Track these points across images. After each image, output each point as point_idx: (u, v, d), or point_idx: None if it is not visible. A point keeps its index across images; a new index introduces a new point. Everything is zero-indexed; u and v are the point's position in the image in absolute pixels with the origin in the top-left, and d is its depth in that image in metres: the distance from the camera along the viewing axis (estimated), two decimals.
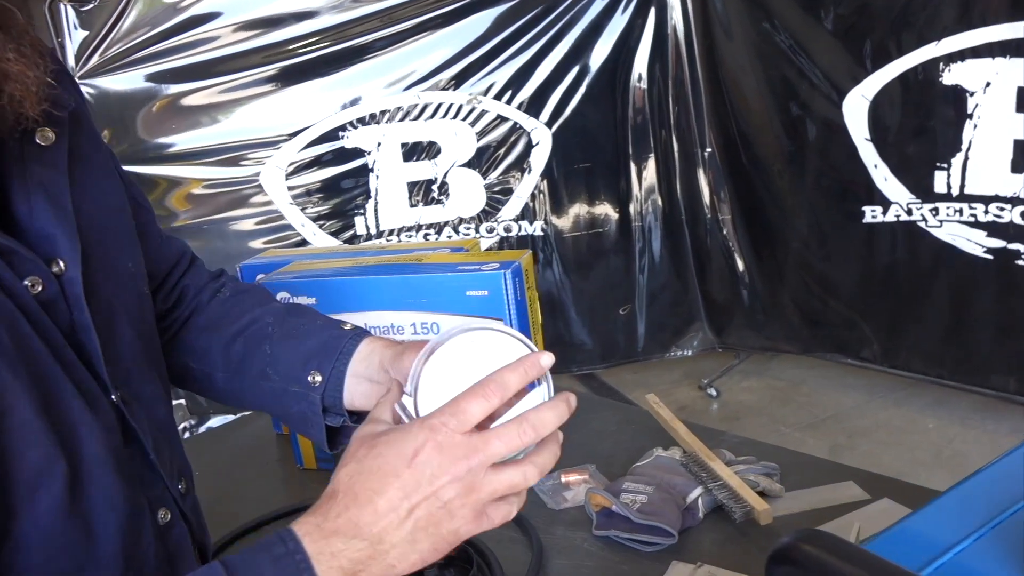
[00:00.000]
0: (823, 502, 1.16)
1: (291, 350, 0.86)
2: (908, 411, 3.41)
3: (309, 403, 0.83)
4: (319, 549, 0.59)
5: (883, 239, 3.06)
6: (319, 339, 0.85)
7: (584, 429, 1.48)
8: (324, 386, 0.83)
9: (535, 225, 3.51)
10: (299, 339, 0.86)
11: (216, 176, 3.14)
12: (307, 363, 0.84)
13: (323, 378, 0.83)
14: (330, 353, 0.83)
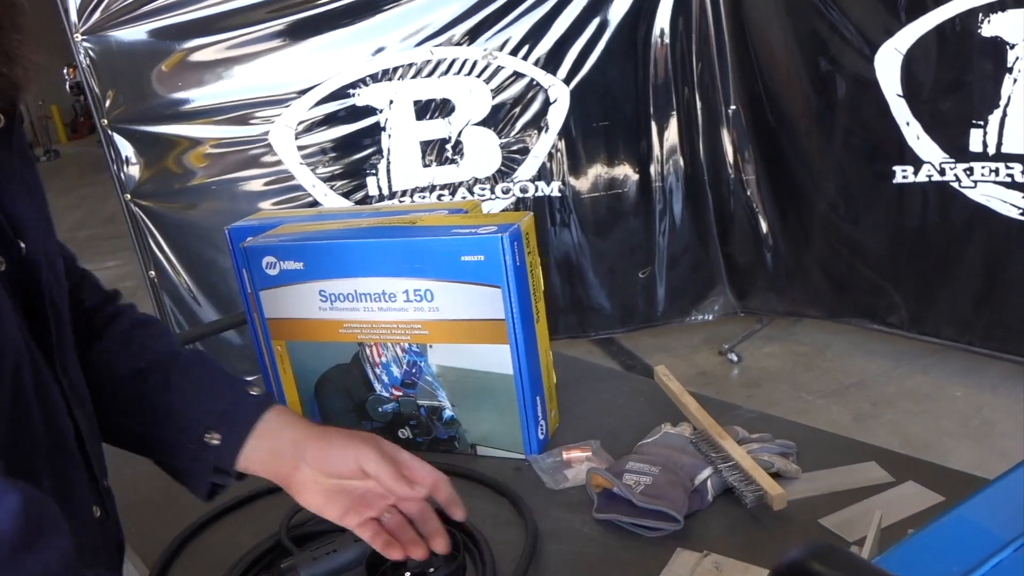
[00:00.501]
0: (842, 485, 1.08)
1: (193, 405, 0.84)
2: (935, 378, 3.30)
3: (201, 462, 0.83)
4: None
5: (914, 200, 2.93)
6: (225, 399, 0.85)
7: (589, 401, 1.40)
8: (220, 448, 0.82)
9: (552, 186, 3.41)
10: (202, 394, 0.85)
11: (224, 135, 3.07)
12: (208, 422, 0.83)
13: (221, 441, 0.82)
14: (234, 418, 0.83)
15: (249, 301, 1.35)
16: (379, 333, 1.25)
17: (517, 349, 1.18)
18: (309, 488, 0.83)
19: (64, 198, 9.03)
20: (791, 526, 1.01)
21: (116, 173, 3.05)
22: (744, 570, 0.93)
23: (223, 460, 0.83)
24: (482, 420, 1.25)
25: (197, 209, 3.10)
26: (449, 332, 1.20)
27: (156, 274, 3.14)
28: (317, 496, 0.84)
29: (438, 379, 1.25)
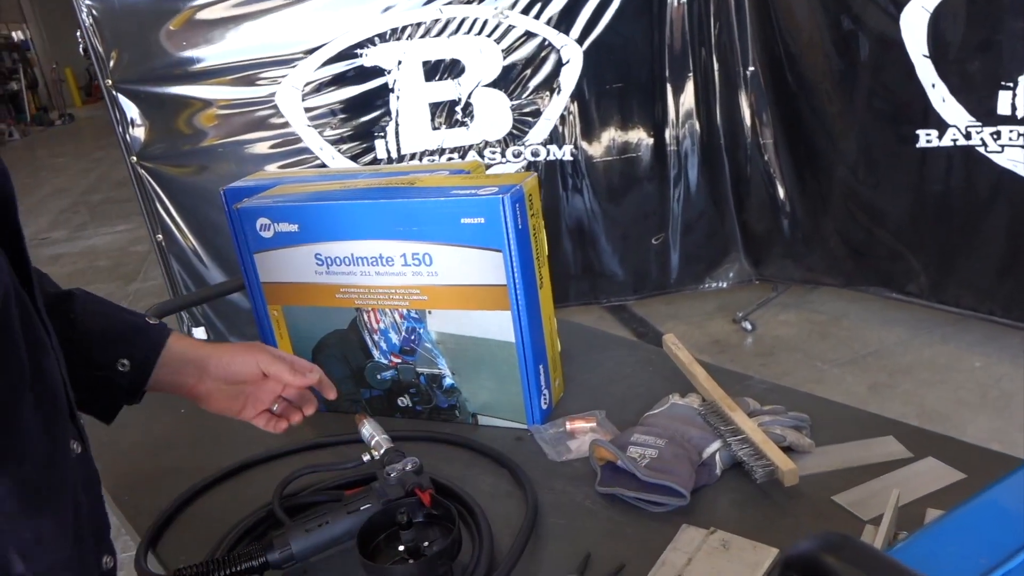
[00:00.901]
0: (858, 460, 1.03)
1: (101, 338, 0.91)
2: (954, 348, 3.23)
3: (112, 388, 0.91)
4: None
5: (937, 165, 2.84)
6: (129, 330, 0.93)
7: (596, 370, 1.36)
8: (130, 374, 0.91)
9: (564, 149, 3.34)
10: (106, 327, 0.92)
11: (230, 96, 3.00)
12: (116, 350, 0.91)
13: (130, 367, 0.91)
14: (140, 345, 0.92)
15: (246, 264, 1.30)
16: (377, 298, 1.20)
17: (519, 315, 1.13)
18: (213, 395, 0.98)
19: (78, 162, 9.02)
20: (803, 503, 0.97)
21: (122, 135, 3.00)
22: (753, 548, 0.88)
23: (134, 383, 0.93)
24: (483, 389, 1.21)
25: (203, 172, 3.05)
26: (449, 298, 1.15)
27: (164, 238, 3.11)
28: (221, 401, 0.98)
29: (438, 346, 1.20)
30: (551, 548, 0.95)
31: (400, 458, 1.01)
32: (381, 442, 1.07)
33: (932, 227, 2.94)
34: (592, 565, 0.91)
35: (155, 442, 1.32)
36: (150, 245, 3.22)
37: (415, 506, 0.96)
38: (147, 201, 3.07)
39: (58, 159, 9.36)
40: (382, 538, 0.95)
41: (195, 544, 1.04)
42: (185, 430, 1.35)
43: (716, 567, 0.86)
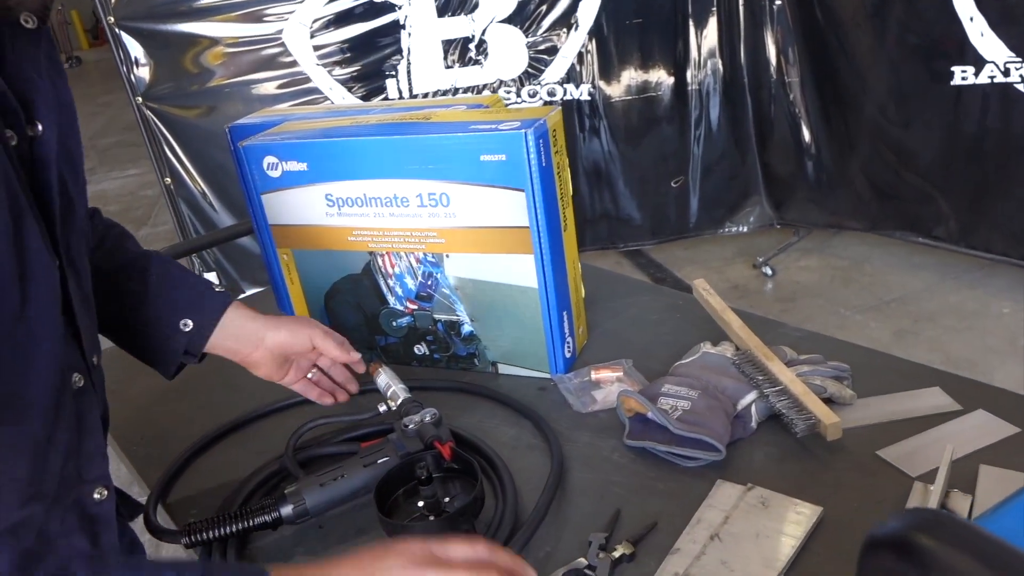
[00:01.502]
0: (903, 413, 0.97)
1: (168, 298, 0.99)
2: (982, 294, 3.15)
3: (174, 345, 0.99)
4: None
5: (972, 103, 2.72)
6: (195, 293, 1.01)
7: (620, 316, 1.30)
8: (192, 334, 0.99)
9: (581, 89, 3.23)
10: (175, 288, 1.00)
11: (236, 34, 2.90)
12: (181, 311, 0.99)
13: (192, 327, 0.99)
14: (204, 308, 1.00)
15: (253, 206, 1.24)
16: (391, 241, 1.14)
17: (542, 259, 1.07)
18: (263, 364, 1.03)
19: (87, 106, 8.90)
20: (845, 458, 0.91)
21: (126, 75, 2.91)
22: (794, 506, 0.83)
23: (193, 344, 0.99)
24: (504, 336, 1.15)
25: (211, 113, 2.97)
26: (467, 240, 1.09)
27: (172, 181, 3.04)
28: (269, 368, 1.03)
29: (456, 292, 1.14)
30: (578, 504, 0.90)
31: (418, 409, 0.96)
32: (398, 392, 1.02)
33: (964, 169, 2.83)
34: (622, 523, 0.86)
35: (165, 390, 1.27)
36: (159, 189, 3.16)
37: (434, 460, 0.91)
38: (154, 144, 3.00)
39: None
40: (400, 493, 0.91)
41: (206, 497, 1.00)
42: (197, 377, 1.29)
43: (755, 525, 0.81)
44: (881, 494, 0.85)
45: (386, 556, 0.70)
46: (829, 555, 0.78)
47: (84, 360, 0.80)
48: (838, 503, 0.84)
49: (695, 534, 0.82)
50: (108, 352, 0.91)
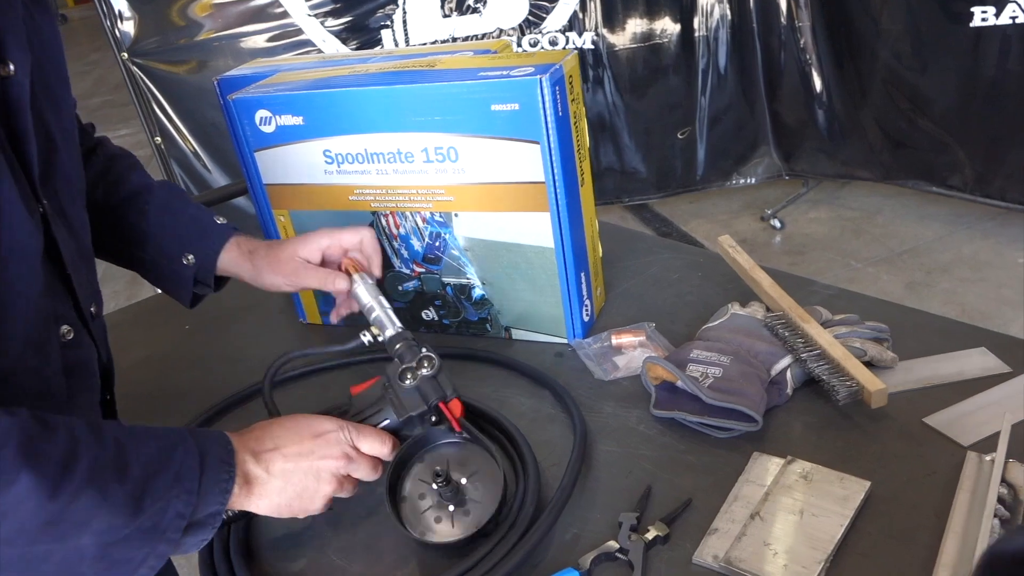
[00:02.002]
0: (949, 376, 0.91)
1: (169, 232, 0.99)
2: (996, 244, 3.08)
3: (181, 278, 1.00)
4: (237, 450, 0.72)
5: (992, 45, 2.61)
6: (196, 226, 1.01)
7: (639, 276, 1.22)
8: (196, 266, 0.99)
9: (584, 37, 3.11)
10: (175, 223, 1.00)
11: None
12: (182, 246, 0.99)
13: (195, 262, 0.99)
14: (203, 242, 1.00)
15: (247, 164, 1.16)
16: (396, 200, 1.06)
17: (559, 217, 0.99)
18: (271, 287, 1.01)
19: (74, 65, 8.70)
20: (890, 427, 0.85)
21: (110, 29, 2.80)
22: (840, 480, 0.77)
23: (201, 275, 1.00)
24: (518, 300, 1.08)
25: (199, 68, 2.86)
26: (478, 198, 1.01)
27: (163, 140, 2.95)
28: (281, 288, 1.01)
29: (466, 253, 1.07)
30: (604, 481, 0.84)
31: (413, 354, 0.85)
32: (383, 320, 0.90)
33: (982, 115, 2.74)
34: (653, 500, 0.80)
35: (159, 362, 1.22)
36: (151, 150, 3.06)
37: (442, 433, 0.83)
38: (143, 102, 2.90)
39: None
40: (406, 472, 0.83)
41: None
42: (189, 348, 1.24)
43: (798, 502, 0.75)
44: (932, 465, 0.79)
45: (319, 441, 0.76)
46: (880, 534, 0.72)
47: (78, 312, 0.78)
48: (886, 476, 0.78)
49: (733, 512, 0.76)
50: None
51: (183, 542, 0.67)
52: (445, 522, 0.79)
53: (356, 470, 0.78)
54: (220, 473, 0.69)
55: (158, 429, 0.69)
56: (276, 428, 0.77)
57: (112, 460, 0.63)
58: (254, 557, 0.82)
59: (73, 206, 0.80)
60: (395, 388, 0.84)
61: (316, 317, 1.22)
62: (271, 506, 0.74)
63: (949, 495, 0.74)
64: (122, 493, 0.62)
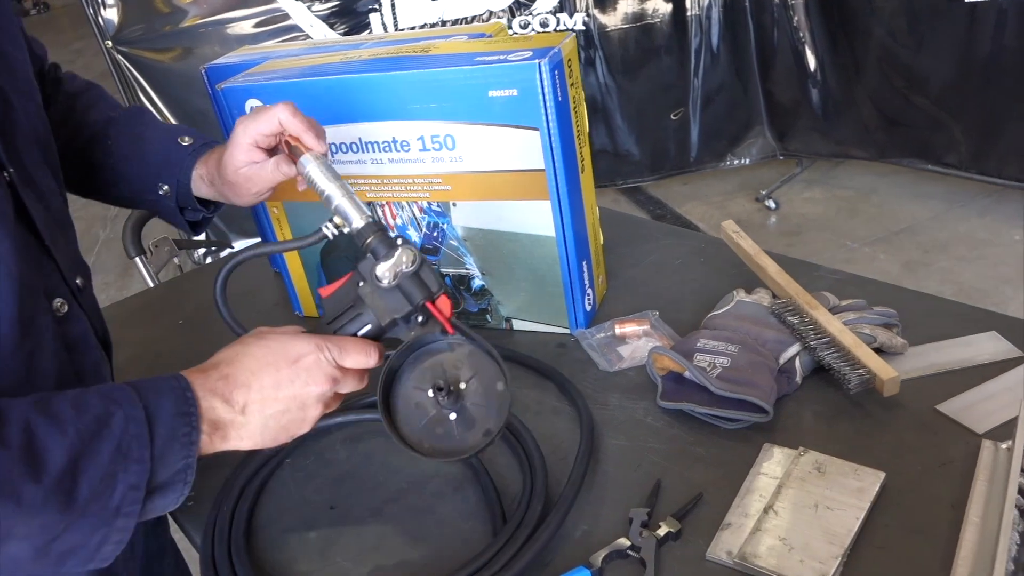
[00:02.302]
0: (960, 362, 0.89)
1: (136, 166, 0.95)
2: (993, 221, 3.07)
3: (165, 208, 0.96)
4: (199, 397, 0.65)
5: (987, 21, 2.59)
6: (159, 156, 0.95)
7: (641, 263, 1.20)
8: (175, 193, 0.94)
9: (576, 18, 3.07)
10: (141, 155, 0.95)
11: None
12: (153, 176, 0.94)
13: (171, 188, 0.94)
14: (171, 168, 0.94)
15: None
16: (392, 190, 1.04)
17: (560, 205, 0.97)
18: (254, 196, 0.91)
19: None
20: (902, 415, 0.83)
21: (93, 17, 2.75)
22: (854, 472, 0.75)
23: (184, 200, 0.95)
24: (518, 290, 1.06)
25: (185, 56, 2.81)
26: (476, 187, 0.99)
27: None
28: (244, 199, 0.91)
29: (464, 243, 1.05)
30: (613, 475, 0.82)
31: (388, 246, 0.73)
32: (348, 210, 0.75)
33: (978, 92, 2.72)
34: (663, 495, 0.78)
35: (154, 356, 1.19)
36: None
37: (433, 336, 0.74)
38: (128, 91, 2.85)
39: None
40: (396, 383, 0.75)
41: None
42: (183, 342, 1.21)
43: (813, 495, 0.74)
44: (947, 454, 0.77)
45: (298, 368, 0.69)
46: (898, 526, 0.71)
47: (66, 284, 0.73)
48: (901, 466, 0.76)
49: (746, 506, 0.74)
50: None
51: (149, 508, 0.61)
52: (448, 432, 0.72)
53: (342, 387, 0.72)
54: (179, 428, 0.62)
55: (91, 394, 0.61)
56: (245, 359, 0.68)
57: (20, 457, 0.56)
58: (257, 559, 0.80)
59: (41, 171, 0.75)
60: (373, 288, 0.73)
61: (312, 310, 1.20)
62: (254, 444, 0.68)
63: (966, 485, 0.73)
64: (41, 492, 0.56)
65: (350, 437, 0.94)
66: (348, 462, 0.91)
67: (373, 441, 0.93)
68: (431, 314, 0.73)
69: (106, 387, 0.63)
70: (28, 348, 0.67)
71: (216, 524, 0.82)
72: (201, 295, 1.36)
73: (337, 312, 0.75)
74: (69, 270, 0.75)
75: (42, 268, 0.71)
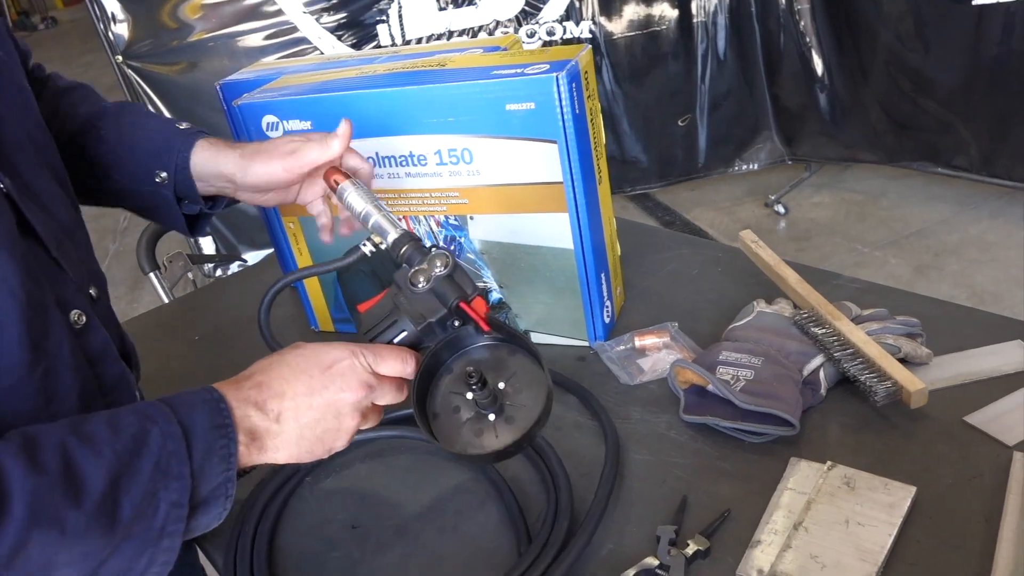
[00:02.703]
0: (986, 372, 0.88)
1: (131, 153, 0.91)
2: (1004, 223, 3.05)
3: (162, 198, 0.91)
4: (233, 407, 0.64)
5: (995, 24, 2.58)
6: (159, 137, 0.91)
7: (657, 274, 1.20)
8: (172, 181, 0.90)
9: (582, 26, 3.07)
10: (135, 141, 0.91)
11: None
12: (149, 163, 0.89)
13: (169, 175, 0.89)
14: (170, 152, 0.89)
15: None
16: (409, 204, 1.03)
17: (578, 217, 0.96)
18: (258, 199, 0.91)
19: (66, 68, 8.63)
20: (930, 427, 0.82)
21: (103, 32, 2.76)
22: (884, 487, 0.75)
23: (183, 190, 0.91)
24: (536, 303, 1.05)
25: (194, 69, 2.82)
26: (493, 200, 0.98)
27: None
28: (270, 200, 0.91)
29: (482, 256, 1.04)
30: (638, 491, 0.81)
31: (422, 254, 0.74)
32: (383, 225, 0.78)
33: (986, 94, 2.71)
34: (690, 511, 0.77)
35: (170, 374, 1.18)
36: None
37: (469, 335, 0.74)
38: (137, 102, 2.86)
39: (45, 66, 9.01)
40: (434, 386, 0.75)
41: None
42: (199, 359, 1.21)
43: (843, 511, 0.73)
44: (977, 467, 0.76)
45: (332, 374, 0.68)
46: (930, 542, 0.70)
47: (81, 294, 0.72)
48: (930, 480, 0.75)
49: (775, 522, 0.73)
50: None
51: (193, 526, 0.60)
52: (488, 433, 0.71)
53: (379, 397, 0.71)
54: (216, 440, 0.61)
55: (125, 413, 0.60)
56: (279, 368, 0.68)
57: (59, 483, 0.54)
58: None
59: (40, 179, 0.73)
60: (407, 295, 0.73)
61: (329, 324, 1.19)
62: (290, 455, 0.67)
63: (998, 498, 0.72)
64: (84, 517, 0.54)
65: (370, 454, 0.94)
66: (369, 480, 0.90)
67: (394, 457, 0.93)
68: (467, 316, 0.72)
69: (139, 405, 0.62)
70: (43, 367, 0.65)
71: (238, 546, 0.81)
72: (217, 311, 1.35)
73: (373, 324, 0.75)
74: (82, 280, 0.74)
75: (54, 280, 0.69)
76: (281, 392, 0.66)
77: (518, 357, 0.73)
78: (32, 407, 0.65)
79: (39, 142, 0.75)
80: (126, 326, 1.33)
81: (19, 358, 0.63)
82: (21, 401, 0.64)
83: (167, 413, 0.60)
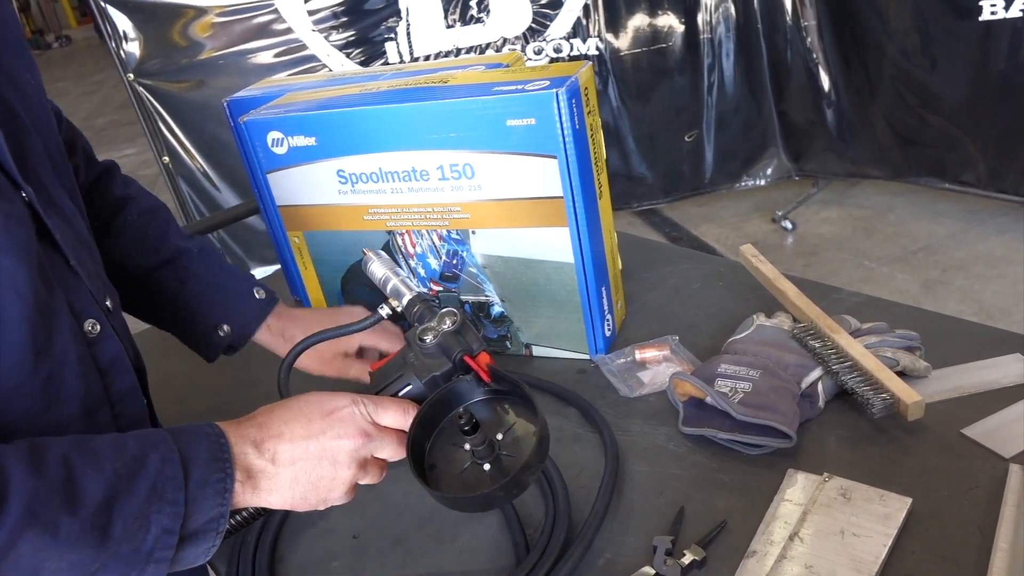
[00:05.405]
0: (984, 385, 0.89)
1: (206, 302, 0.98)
2: (1011, 239, 3.05)
3: (213, 343, 0.99)
4: (232, 443, 0.65)
5: (1002, 39, 2.58)
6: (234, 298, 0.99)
7: (659, 287, 1.21)
8: (230, 337, 0.99)
9: (589, 43, 3.10)
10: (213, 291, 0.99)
11: (226, 2, 2.78)
12: (220, 317, 0.98)
13: (230, 333, 0.99)
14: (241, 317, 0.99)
15: (259, 186, 1.15)
16: (411, 219, 1.05)
17: (578, 232, 0.98)
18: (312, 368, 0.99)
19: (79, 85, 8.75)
20: (927, 439, 0.83)
21: (115, 51, 2.80)
22: (880, 498, 0.75)
23: (234, 343, 1.00)
24: (537, 316, 1.06)
25: (204, 86, 2.86)
26: (495, 214, 1.00)
27: (170, 159, 2.94)
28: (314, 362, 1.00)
29: (484, 270, 1.05)
30: (635, 502, 0.82)
31: (432, 313, 0.78)
32: (400, 288, 0.83)
33: (993, 109, 2.71)
34: (687, 522, 0.78)
35: (176, 390, 1.20)
36: (158, 168, 3.06)
37: (470, 387, 0.75)
38: (149, 121, 2.89)
39: (58, 83, 9.10)
40: (434, 435, 0.75)
41: None
42: (206, 376, 1.22)
43: (839, 522, 0.73)
44: (974, 479, 0.77)
45: (331, 420, 0.69)
46: (925, 553, 0.70)
47: (97, 304, 0.73)
48: (926, 492, 0.76)
49: (771, 533, 0.74)
50: None
51: (180, 557, 0.60)
52: (482, 482, 0.71)
53: (379, 448, 0.70)
54: (212, 473, 0.61)
55: (128, 437, 0.61)
56: (281, 411, 0.69)
57: (58, 489, 0.56)
58: None
59: (62, 195, 0.75)
60: (416, 352, 0.76)
61: None
62: (284, 500, 0.66)
63: (993, 510, 0.72)
64: (77, 525, 0.55)
65: None
66: (370, 489, 0.91)
67: (393, 468, 0.93)
68: (470, 370, 0.74)
69: (143, 431, 0.63)
70: (46, 371, 0.66)
71: (240, 555, 0.82)
72: None
73: (382, 381, 0.77)
74: (98, 292, 0.75)
75: (70, 288, 0.70)
76: (279, 433, 0.67)
77: (517, 408, 0.74)
78: (33, 410, 0.66)
79: (58, 162, 0.77)
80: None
81: (22, 360, 0.64)
82: (22, 403, 0.64)
83: (168, 440, 0.62)
